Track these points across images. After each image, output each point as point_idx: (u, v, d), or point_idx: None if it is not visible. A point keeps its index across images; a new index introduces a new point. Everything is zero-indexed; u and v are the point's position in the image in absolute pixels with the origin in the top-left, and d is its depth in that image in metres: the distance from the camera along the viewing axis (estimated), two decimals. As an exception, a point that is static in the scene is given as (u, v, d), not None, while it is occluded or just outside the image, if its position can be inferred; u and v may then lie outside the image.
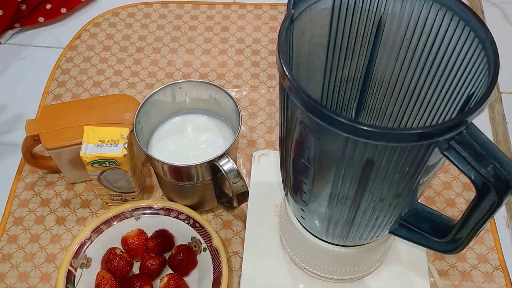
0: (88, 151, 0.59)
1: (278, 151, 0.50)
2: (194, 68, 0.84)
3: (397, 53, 0.46)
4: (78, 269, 0.61)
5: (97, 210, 0.69)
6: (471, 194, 0.70)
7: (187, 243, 0.63)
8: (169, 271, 0.63)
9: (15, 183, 0.71)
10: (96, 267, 0.62)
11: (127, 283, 0.60)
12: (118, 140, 0.60)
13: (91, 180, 0.64)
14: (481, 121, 0.78)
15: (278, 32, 0.39)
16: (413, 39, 0.44)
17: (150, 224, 0.64)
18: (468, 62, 0.40)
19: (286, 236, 0.58)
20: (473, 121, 0.35)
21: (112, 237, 0.63)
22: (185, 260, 0.61)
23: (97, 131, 0.61)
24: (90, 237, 0.62)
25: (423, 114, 0.47)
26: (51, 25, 0.91)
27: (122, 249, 0.63)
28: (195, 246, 0.62)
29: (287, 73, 0.36)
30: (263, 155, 0.68)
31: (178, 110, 0.68)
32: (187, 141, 0.66)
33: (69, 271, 0.60)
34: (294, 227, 0.54)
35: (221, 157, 0.58)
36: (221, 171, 0.58)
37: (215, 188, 0.64)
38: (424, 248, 0.58)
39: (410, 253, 0.60)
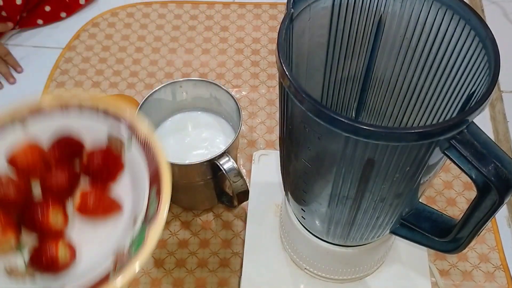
0: (88, 152, 0.58)
1: (278, 151, 0.50)
2: (194, 68, 0.84)
3: (397, 52, 0.46)
4: None
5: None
6: (472, 193, 0.70)
7: (104, 146, 0.47)
8: (86, 187, 0.46)
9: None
10: None
11: (25, 213, 0.44)
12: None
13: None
14: (482, 120, 0.78)
15: (277, 31, 0.39)
16: (413, 38, 0.44)
17: (44, 130, 0.47)
18: (469, 61, 0.40)
19: (287, 236, 0.58)
20: (474, 120, 0.35)
21: None
22: (104, 163, 0.46)
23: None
24: None
25: (423, 114, 0.47)
26: (50, 25, 0.91)
27: (11, 175, 0.46)
28: (115, 146, 0.47)
29: (287, 73, 0.36)
30: (263, 155, 0.68)
31: (179, 109, 0.68)
32: (187, 139, 0.66)
33: None
34: (295, 227, 0.54)
35: (221, 156, 0.58)
36: (221, 170, 0.58)
37: (216, 187, 0.64)
38: (425, 248, 0.58)
39: (411, 253, 0.59)
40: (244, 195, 0.61)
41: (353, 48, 0.47)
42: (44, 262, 0.42)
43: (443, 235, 0.46)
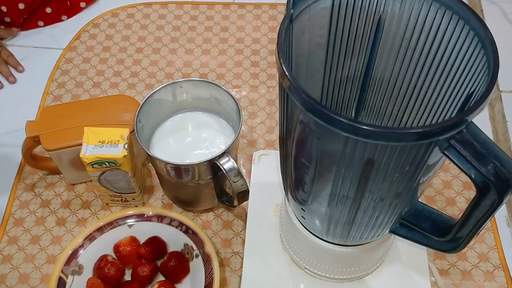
0: (88, 152, 0.59)
1: (278, 151, 0.50)
2: (194, 69, 0.84)
3: (397, 52, 0.46)
4: (70, 276, 0.60)
5: (98, 211, 0.69)
6: (472, 193, 0.70)
7: (179, 250, 0.63)
8: (161, 278, 0.62)
9: (15, 185, 0.71)
10: (88, 274, 0.61)
11: None
12: (118, 140, 0.60)
13: (91, 181, 0.64)
14: (481, 120, 0.78)
15: (277, 32, 0.39)
16: (413, 38, 0.44)
17: (143, 231, 0.64)
18: (468, 61, 0.40)
19: (287, 236, 0.58)
20: (473, 120, 0.35)
21: (105, 245, 0.63)
22: (177, 266, 0.61)
23: (97, 132, 0.61)
24: (82, 244, 0.62)
25: (423, 113, 0.47)
26: (50, 26, 0.91)
27: (114, 256, 0.63)
28: (187, 253, 0.62)
29: (286, 73, 0.36)
30: (263, 155, 0.68)
31: (179, 109, 0.68)
32: (188, 139, 0.66)
33: (60, 278, 0.60)
34: (295, 227, 0.54)
35: (221, 156, 0.58)
36: (221, 170, 0.58)
37: (216, 187, 0.64)
38: (425, 247, 0.58)
39: (410, 252, 0.60)
40: (244, 195, 0.61)
41: (352, 48, 0.47)
42: None
43: (442, 234, 0.46)
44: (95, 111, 0.67)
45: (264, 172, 0.66)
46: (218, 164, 0.58)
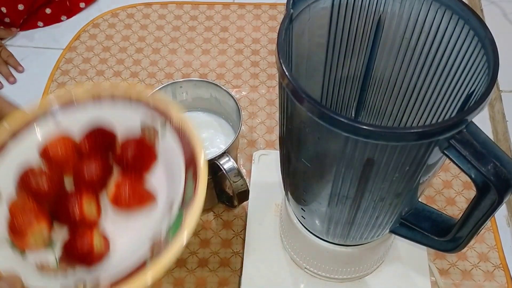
0: (88, 152, 0.58)
1: (278, 151, 0.50)
2: (194, 69, 0.84)
3: (397, 52, 0.46)
4: None
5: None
6: (472, 192, 0.70)
7: (137, 136, 0.46)
8: (118, 178, 0.45)
9: (15, 185, 0.71)
10: (6, 199, 0.44)
11: (57, 204, 0.43)
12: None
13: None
14: (481, 120, 0.78)
15: (277, 32, 0.39)
16: (413, 38, 0.44)
17: (77, 123, 0.46)
18: (468, 61, 0.40)
19: (287, 236, 0.58)
20: (473, 120, 0.35)
21: (25, 155, 0.45)
22: (138, 153, 0.45)
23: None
24: None
25: (423, 113, 0.47)
26: (50, 26, 0.91)
27: (43, 166, 0.45)
28: (148, 136, 0.46)
29: (286, 73, 0.36)
30: (263, 155, 0.68)
31: (178, 110, 0.68)
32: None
33: None
34: (295, 227, 0.54)
35: (221, 156, 0.58)
36: (221, 170, 0.58)
37: (216, 187, 0.64)
38: (425, 247, 0.58)
39: (410, 252, 0.60)
40: (244, 195, 0.61)
41: (352, 48, 0.47)
42: (78, 252, 0.41)
43: (442, 234, 0.46)
44: (95, 111, 0.66)
45: (264, 172, 0.66)
46: (218, 164, 0.58)
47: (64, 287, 0.40)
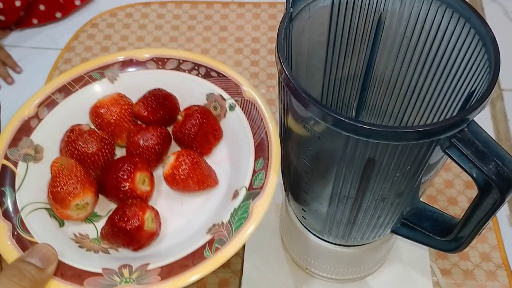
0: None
1: (278, 151, 0.50)
2: (193, 68, 0.84)
3: (397, 51, 0.46)
4: (21, 163, 0.39)
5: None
6: (473, 192, 0.70)
7: (201, 104, 0.41)
8: (176, 150, 0.41)
9: (14, 186, 0.71)
10: (51, 159, 0.39)
11: (106, 173, 0.38)
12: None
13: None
14: (483, 119, 0.78)
15: (277, 31, 0.39)
16: (413, 37, 0.44)
17: (136, 86, 0.41)
18: (469, 60, 0.40)
19: (287, 237, 0.58)
20: (475, 119, 0.35)
21: (75, 112, 0.41)
22: (201, 127, 0.39)
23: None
24: (36, 114, 0.39)
25: (424, 112, 0.47)
26: (48, 26, 0.90)
27: (93, 126, 0.41)
28: (215, 108, 0.41)
29: (286, 72, 0.36)
30: (263, 155, 0.68)
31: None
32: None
33: (3, 167, 0.38)
34: (295, 227, 0.54)
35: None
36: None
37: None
38: (427, 247, 0.58)
39: (412, 252, 0.59)
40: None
41: (353, 46, 0.47)
42: (126, 227, 0.35)
43: (444, 234, 0.46)
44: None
45: (264, 172, 0.66)
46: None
47: (106, 269, 0.35)
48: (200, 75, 0.41)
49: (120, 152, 0.40)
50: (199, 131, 0.39)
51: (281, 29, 0.38)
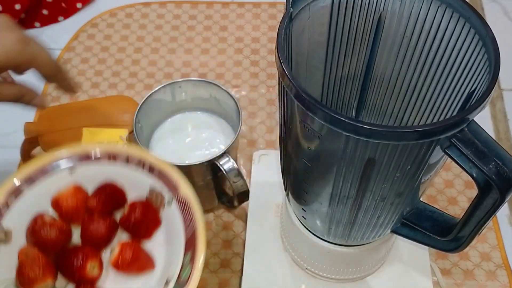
0: (87, 153, 0.58)
1: (278, 151, 0.50)
2: (193, 68, 0.84)
3: (397, 51, 0.46)
4: None
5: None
6: (473, 192, 0.70)
7: (144, 198, 0.49)
8: (123, 237, 0.48)
9: (14, 186, 0.71)
10: (19, 242, 0.47)
11: (63, 259, 0.45)
12: (117, 141, 0.60)
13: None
14: (483, 119, 0.78)
15: (277, 30, 0.39)
16: (413, 37, 0.44)
17: (90, 177, 0.49)
18: (469, 59, 0.40)
19: (288, 237, 0.58)
20: (475, 119, 0.35)
21: (38, 200, 0.48)
22: (143, 218, 0.47)
23: (96, 132, 0.60)
24: (6, 203, 0.46)
25: (424, 112, 0.47)
26: (48, 26, 0.90)
27: (53, 215, 0.49)
28: (156, 200, 0.48)
29: (286, 72, 0.36)
30: (263, 155, 0.68)
31: (178, 110, 0.67)
32: (187, 140, 0.66)
33: None
34: (295, 227, 0.54)
35: (221, 156, 0.58)
36: (221, 170, 0.58)
37: (216, 188, 0.64)
38: (427, 247, 0.58)
39: (412, 252, 0.59)
40: (244, 195, 0.61)
41: (353, 46, 0.47)
42: None
43: (444, 234, 0.46)
44: (94, 112, 0.67)
45: (264, 172, 0.66)
46: (218, 164, 0.57)
47: None
48: (144, 170, 0.48)
49: (76, 231, 0.49)
50: (141, 222, 0.47)
51: (281, 29, 0.38)
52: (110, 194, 0.48)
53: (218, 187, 0.64)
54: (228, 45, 0.87)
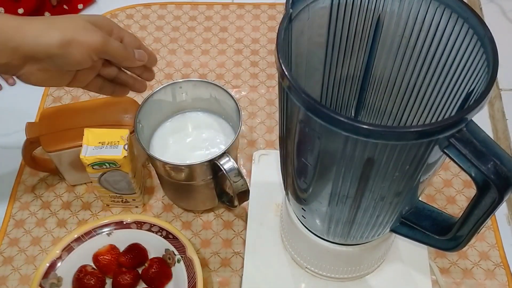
0: (88, 153, 0.59)
1: (278, 151, 0.50)
2: (193, 69, 0.84)
3: (396, 51, 0.46)
4: None
5: (98, 212, 0.69)
6: (472, 191, 0.70)
7: (161, 256, 0.62)
8: (144, 286, 0.62)
9: (16, 186, 0.71)
10: (67, 286, 0.60)
11: None
12: (118, 141, 0.60)
13: (91, 182, 0.64)
14: (481, 118, 0.78)
15: (276, 31, 0.39)
16: (412, 37, 0.44)
17: (122, 239, 0.63)
18: (467, 60, 0.40)
19: (287, 236, 0.58)
20: (473, 118, 0.35)
21: (83, 255, 0.62)
22: (159, 273, 0.60)
23: (97, 133, 0.61)
24: (60, 256, 0.61)
25: (422, 112, 0.47)
26: (50, 27, 0.91)
27: (94, 266, 0.62)
28: (169, 259, 0.61)
29: (286, 73, 0.36)
30: (263, 155, 0.68)
31: (179, 110, 0.68)
32: (188, 140, 0.66)
33: None
34: (295, 227, 0.54)
35: (221, 156, 0.58)
36: (221, 170, 0.58)
37: (216, 187, 0.64)
38: (426, 246, 0.58)
39: (411, 251, 0.60)
40: (244, 195, 0.61)
41: (352, 47, 0.47)
42: None
43: (443, 233, 0.46)
44: (95, 112, 0.67)
45: (264, 172, 0.66)
46: (218, 164, 0.58)
47: None
48: (162, 235, 0.62)
49: (109, 281, 0.63)
50: (156, 276, 0.61)
51: (280, 30, 0.39)
52: (136, 253, 0.62)
53: (219, 186, 0.65)
54: (228, 45, 0.87)
